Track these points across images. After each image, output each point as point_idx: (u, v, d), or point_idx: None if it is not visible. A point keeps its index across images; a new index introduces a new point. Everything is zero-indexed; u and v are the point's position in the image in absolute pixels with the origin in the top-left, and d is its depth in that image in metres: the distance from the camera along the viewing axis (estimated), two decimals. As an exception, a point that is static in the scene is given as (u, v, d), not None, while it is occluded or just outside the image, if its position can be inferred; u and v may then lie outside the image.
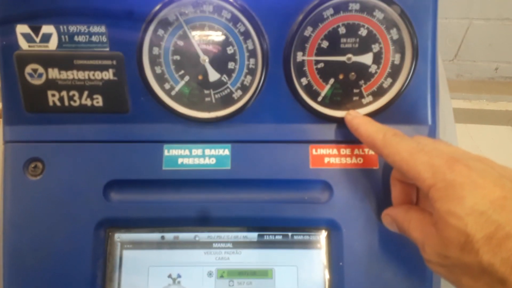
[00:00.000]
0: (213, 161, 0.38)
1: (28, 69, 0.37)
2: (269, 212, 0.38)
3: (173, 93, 0.38)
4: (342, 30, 0.36)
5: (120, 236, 0.38)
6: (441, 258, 0.28)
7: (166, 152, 0.38)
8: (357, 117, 0.36)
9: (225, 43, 0.37)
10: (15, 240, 0.37)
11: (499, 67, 1.40)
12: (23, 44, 0.36)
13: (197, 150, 0.39)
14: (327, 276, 0.37)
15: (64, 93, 0.37)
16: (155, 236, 0.39)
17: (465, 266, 0.26)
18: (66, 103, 0.38)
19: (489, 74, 1.43)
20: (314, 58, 0.37)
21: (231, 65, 0.37)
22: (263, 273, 0.38)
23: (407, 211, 0.33)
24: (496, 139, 1.35)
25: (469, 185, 0.27)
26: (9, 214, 0.37)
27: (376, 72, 0.37)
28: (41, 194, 0.38)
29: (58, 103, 0.38)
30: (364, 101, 0.38)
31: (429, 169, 0.28)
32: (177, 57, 0.37)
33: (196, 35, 0.36)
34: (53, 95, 0.37)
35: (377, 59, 0.37)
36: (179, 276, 0.38)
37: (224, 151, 0.39)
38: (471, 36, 1.31)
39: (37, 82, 0.37)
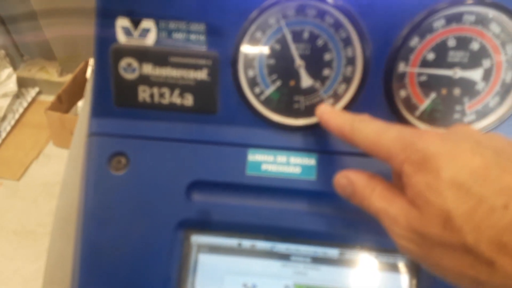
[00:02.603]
0: (298, 170, 0.37)
1: (123, 63, 0.36)
2: (353, 229, 0.36)
3: (262, 97, 0.37)
4: (451, 43, 0.34)
5: (197, 239, 0.37)
6: (419, 236, 0.24)
7: (250, 157, 0.37)
8: (326, 112, 0.33)
9: (324, 49, 0.35)
10: (94, 234, 0.37)
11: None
12: (121, 38, 0.36)
13: (282, 157, 0.37)
14: (413, 303, 0.35)
15: (155, 89, 0.37)
16: (232, 241, 0.37)
17: (447, 245, 0.23)
18: (156, 99, 0.37)
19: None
20: (418, 70, 0.35)
21: (326, 71, 0.36)
22: (343, 293, 0.36)
23: (371, 177, 0.29)
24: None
25: (445, 155, 0.24)
26: (90, 207, 0.37)
27: (483, 90, 0.35)
28: (123, 190, 0.37)
29: (147, 99, 0.37)
30: (466, 119, 0.36)
31: (399, 143, 0.26)
32: (272, 61, 0.36)
33: (294, 40, 0.35)
34: (144, 91, 0.37)
35: (486, 76, 0.34)
36: (254, 286, 0.37)
37: (310, 160, 0.37)
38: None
39: (130, 76, 0.37)
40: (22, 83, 1.84)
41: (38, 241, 1.36)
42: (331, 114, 0.33)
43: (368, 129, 0.29)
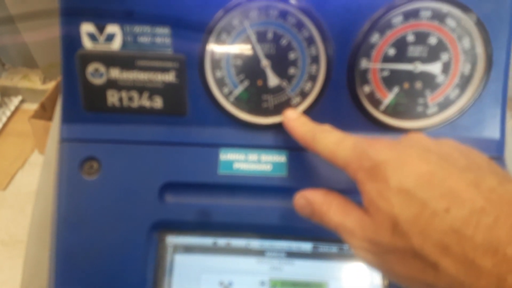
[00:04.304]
0: (269, 167, 0.38)
1: (90, 68, 0.37)
2: (325, 222, 0.37)
3: (231, 97, 0.38)
4: (410, 38, 0.35)
5: (173, 240, 0.38)
6: (373, 245, 0.25)
7: (222, 157, 0.38)
8: (293, 120, 0.35)
9: (288, 49, 0.36)
10: (69, 240, 0.37)
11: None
12: (87, 43, 0.36)
13: (253, 156, 0.38)
14: (385, 292, 0.36)
15: (123, 93, 0.37)
16: (207, 241, 0.38)
17: (397, 251, 0.24)
18: (125, 103, 0.38)
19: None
20: (380, 65, 0.36)
21: (292, 70, 0.37)
22: (317, 286, 0.37)
23: (326, 193, 0.30)
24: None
25: (393, 162, 0.25)
26: (63, 213, 0.37)
27: (443, 82, 0.36)
28: (96, 194, 0.37)
29: (116, 103, 0.38)
30: (429, 111, 0.37)
31: (354, 152, 0.27)
32: (239, 61, 0.36)
33: (259, 40, 0.36)
34: (112, 95, 0.37)
35: (445, 69, 0.35)
36: (230, 284, 0.37)
37: (281, 157, 0.38)
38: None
39: (97, 81, 0.37)
40: (5, 92, 1.81)
41: (26, 251, 1.34)
42: (296, 122, 0.35)
43: (328, 140, 0.30)
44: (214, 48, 0.36)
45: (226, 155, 0.38)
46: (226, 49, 0.36)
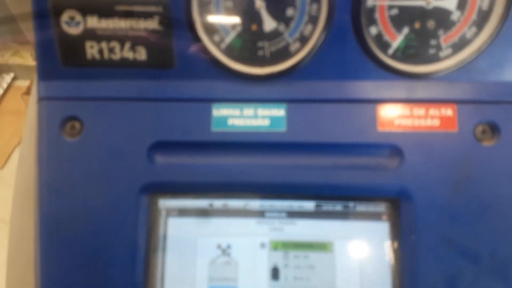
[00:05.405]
0: (266, 122, 0.35)
1: (65, 16, 0.33)
2: (328, 178, 0.34)
3: (223, 45, 0.34)
4: (423, -31, 0.31)
5: (165, 203, 0.35)
6: None
7: (215, 112, 0.35)
8: None
9: (284, -14, 0.32)
10: (51, 205, 0.35)
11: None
12: (59, -12, 0.32)
13: (248, 110, 0.35)
14: (394, 253, 0.34)
15: (103, 44, 0.34)
16: (203, 203, 0.35)
17: None
18: (106, 56, 0.34)
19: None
20: (388, 2, 0.32)
21: (290, 12, 0.33)
22: (322, 247, 0.34)
23: None
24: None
25: None
26: (45, 177, 0.35)
27: (459, 20, 0.32)
28: (79, 156, 0.35)
29: (97, 56, 0.34)
30: (442, 54, 0.33)
31: None
32: (230, 3, 0.33)
33: (251, -23, 0.32)
34: (92, 47, 0.34)
35: (461, 4, 0.32)
36: (229, 247, 0.35)
37: (279, 111, 0.35)
38: None
39: (74, 31, 0.33)
40: (-4, 69, 1.77)
41: (28, 228, 1.34)
42: None
43: None
44: (202, -12, 0.32)
45: (219, 111, 0.35)
46: (215, -11, 0.32)
